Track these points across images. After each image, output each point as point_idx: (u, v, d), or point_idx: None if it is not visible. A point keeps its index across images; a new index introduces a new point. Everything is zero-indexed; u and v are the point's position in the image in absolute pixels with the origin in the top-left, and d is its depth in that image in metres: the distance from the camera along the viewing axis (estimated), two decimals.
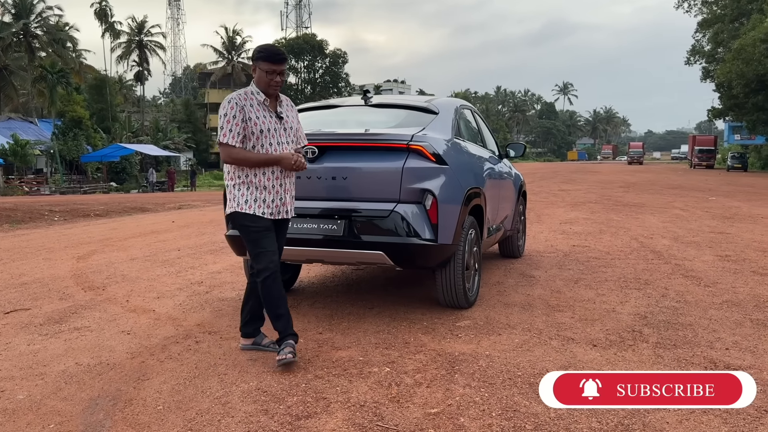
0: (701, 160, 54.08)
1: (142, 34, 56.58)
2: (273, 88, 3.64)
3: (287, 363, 3.49)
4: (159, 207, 17.35)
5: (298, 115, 3.90)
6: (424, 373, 3.44)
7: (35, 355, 3.86)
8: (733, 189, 22.22)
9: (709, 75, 50.52)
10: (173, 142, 51.20)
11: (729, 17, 47.08)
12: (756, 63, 33.81)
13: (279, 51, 3.67)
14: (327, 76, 65.69)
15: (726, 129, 70.30)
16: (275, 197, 3.66)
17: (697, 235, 9.30)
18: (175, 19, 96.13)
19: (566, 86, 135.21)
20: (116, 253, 8.00)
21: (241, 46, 63.24)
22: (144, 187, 37.01)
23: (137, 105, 64.03)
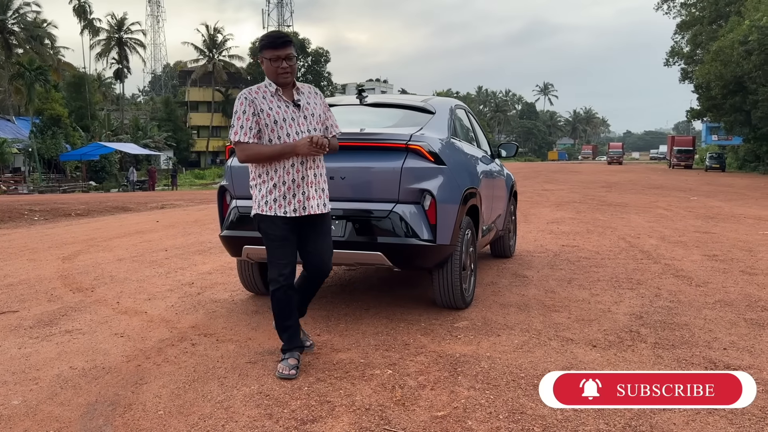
0: (680, 161, 54.69)
1: (122, 31, 55.86)
2: (282, 76, 3.41)
3: (286, 378, 3.38)
4: (141, 206, 17.15)
5: (324, 102, 3.64)
6: (426, 375, 3.41)
7: (27, 358, 3.76)
8: (713, 189, 22.50)
9: (688, 76, 51.15)
10: (153, 141, 50.69)
11: (707, 19, 47.68)
12: (734, 65, 34.25)
13: (281, 34, 3.53)
14: (309, 75, 65.49)
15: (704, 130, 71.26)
16: (296, 192, 3.41)
17: (683, 235, 9.38)
18: (155, 16, 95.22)
19: (547, 87, 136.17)
20: (102, 253, 7.87)
21: (222, 44, 62.80)
22: (124, 186, 36.58)
23: (116, 103, 63.28)
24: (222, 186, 4.71)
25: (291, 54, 3.43)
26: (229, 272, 6.42)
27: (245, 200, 4.52)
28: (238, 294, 5.42)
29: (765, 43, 24.06)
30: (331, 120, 3.64)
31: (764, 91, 33.08)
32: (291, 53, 3.43)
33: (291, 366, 3.43)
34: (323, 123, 3.58)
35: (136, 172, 38.13)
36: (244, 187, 4.51)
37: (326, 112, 3.62)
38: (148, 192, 31.30)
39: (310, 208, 3.45)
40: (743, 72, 32.92)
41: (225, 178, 4.69)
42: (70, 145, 38.99)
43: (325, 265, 3.63)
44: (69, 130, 39.77)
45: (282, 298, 3.50)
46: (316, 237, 3.55)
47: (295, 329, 3.58)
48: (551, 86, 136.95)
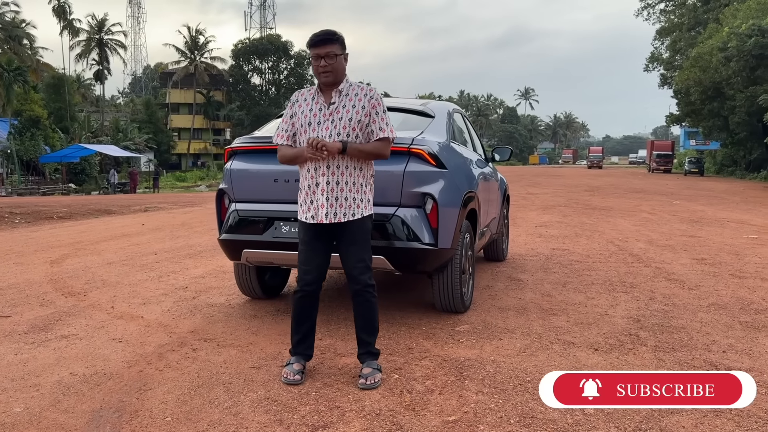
0: (659, 165, 55.25)
1: (103, 32, 55.31)
2: (322, 75, 3.33)
3: (291, 383, 3.35)
4: (124, 209, 16.93)
5: (373, 104, 3.37)
6: (433, 380, 3.41)
7: (25, 365, 3.69)
8: (694, 193, 22.79)
9: (667, 82, 51.91)
10: (134, 143, 50.18)
11: (686, 26, 48.44)
12: (712, 71, 34.81)
13: (322, 32, 3.36)
14: (292, 77, 65.32)
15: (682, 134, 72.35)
16: (313, 198, 3.37)
17: (670, 239, 9.49)
18: (136, 17, 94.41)
19: (528, 91, 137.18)
20: (90, 257, 7.76)
21: (204, 45, 62.38)
22: (105, 188, 36.18)
23: (96, 104, 62.57)
24: (221, 189, 4.66)
25: (330, 52, 3.30)
26: (223, 276, 6.37)
27: (245, 203, 4.50)
28: (234, 298, 5.37)
29: (744, 49, 24.45)
30: (377, 124, 3.37)
31: (741, 97, 33.66)
32: (330, 51, 3.31)
33: (295, 371, 3.40)
34: (363, 127, 3.36)
35: (116, 174, 37.69)
36: (243, 190, 4.50)
37: (373, 115, 3.37)
38: (130, 195, 30.97)
39: (319, 216, 3.36)
40: (721, 78, 33.46)
41: (224, 181, 4.64)
42: (49, 147, 38.45)
43: (352, 278, 3.44)
44: (48, 131, 39.23)
45: (298, 304, 3.47)
46: (343, 247, 3.43)
47: (306, 336, 3.52)
48: (532, 91, 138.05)
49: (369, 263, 3.45)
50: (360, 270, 3.41)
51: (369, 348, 3.47)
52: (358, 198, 3.39)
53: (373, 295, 3.45)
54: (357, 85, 3.46)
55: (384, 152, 3.42)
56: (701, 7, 47.78)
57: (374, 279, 3.50)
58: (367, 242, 3.45)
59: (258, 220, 4.44)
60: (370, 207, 3.46)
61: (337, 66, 3.34)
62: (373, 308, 3.46)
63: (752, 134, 40.38)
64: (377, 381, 3.32)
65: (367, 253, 3.45)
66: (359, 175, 3.40)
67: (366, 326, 3.47)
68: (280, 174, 4.31)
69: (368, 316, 3.46)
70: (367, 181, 3.46)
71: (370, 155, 3.39)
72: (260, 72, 65.26)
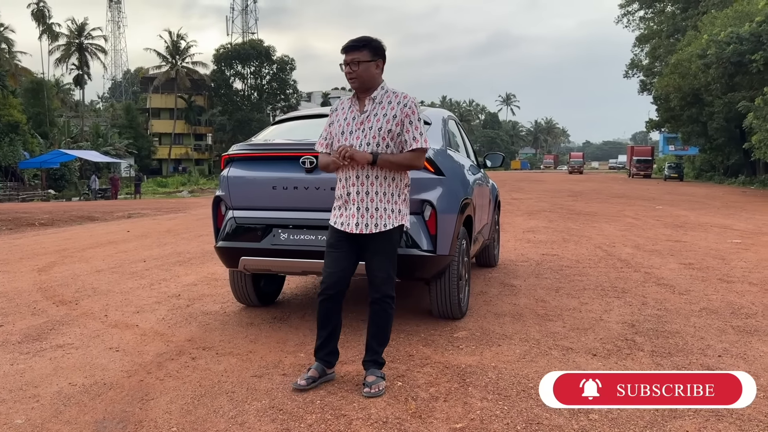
0: (639, 170, 55.83)
1: (83, 36, 54.77)
2: (350, 82, 3.35)
3: (295, 388, 3.35)
4: (107, 216, 16.79)
5: (407, 113, 3.33)
6: (437, 387, 3.41)
7: (22, 375, 3.64)
8: (675, 198, 23.08)
9: (647, 88, 52.56)
10: (114, 148, 49.65)
11: (665, 33, 49.11)
12: (691, 77, 35.31)
13: (352, 40, 3.35)
14: (274, 82, 65.06)
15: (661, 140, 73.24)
16: (344, 207, 3.39)
17: (656, 244, 9.60)
18: (116, 21, 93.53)
19: (509, 97, 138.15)
20: (78, 264, 7.67)
21: (185, 50, 61.97)
22: (86, 194, 35.68)
23: (75, 109, 61.89)
24: (217, 196, 4.63)
25: (356, 59, 3.30)
26: (215, 283, 6.33)
27: (242, 210, 4.48)
28: (229, 306, 5.34)
29: (722, 56, 24.85)
30: (410, 134, 3.32)
31: (720, 103, 34.19)
32: (356, 58, 3.30)
33: (306, 377, 3.39)
34: (394, 136, 3.32)
35: (97, 180, 37.25)
36: (241, 197, 4.48)
37: (406, 124, 3.32)
38: (112, 201, 30.65)
39: (350, 226, 3.36)
40: (700, 84, 33.97)
41: (220, 188, 4.61)
42: (28, 152, 37.91)
43: (373, 287, 3.42)
44: (27, 137, 38.69)
45: (320, 307, 3.47)
46: (369, 255, 3.42)
47: (327, 341, 3.49)
48: (513, 97, 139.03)
49: (392, 274, 3.42)
50: (382, 280, 3.39)
51: (376, 357, 3.46)
52: (389, 208, 3.36)
53: (391, 306, 3.44)
54: (393, 92, 3.40)
55: (416, 163, 3.39)
56: (680, 14, 48.51)
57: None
58: (392, 253, 3.42)
59: (256, 228, 4.42)
60: (401, 218, 3.41)
61: (362, 73, 3.32)
62: (388, 319, 3.46)
63: (730, 140, 41.04)
64: (381, 389, 3.32)
65: (392, 264, 3.42)
66: (391, 185, 3.37)
67: (378, 335, 3.47)
68: (279, 181, 4.31)
69: (382, 326, 3.46)
70: (401, 191, 3.42)
71: (401, 166, 3.37)
72: (242, 77, 64.98)
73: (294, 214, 4.34)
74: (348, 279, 3.47)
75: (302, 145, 4.32)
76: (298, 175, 4.26)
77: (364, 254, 3.44)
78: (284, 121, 5.31)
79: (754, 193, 27.91)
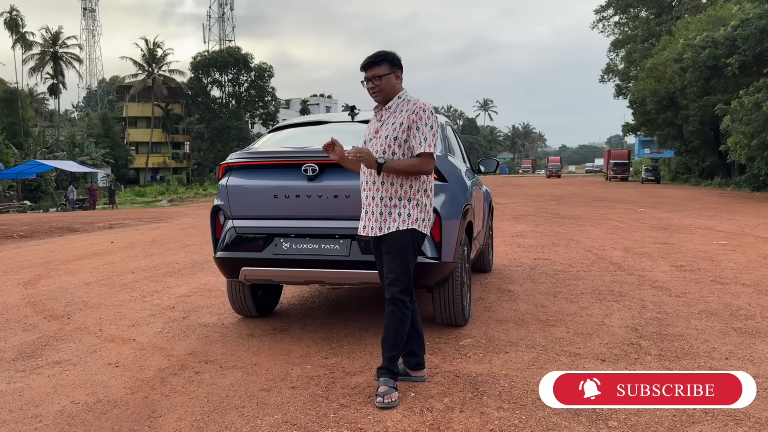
0: (616, 173, 56.35)
1: (57, 45, 54.04)
2: (372, 96, 3.50)
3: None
4: (88, 227, 16.49)
5: (414, 120, 3.36)
6: (451, 397, 3.36)
7: (20, 394, 3.52)
8: (655, 200, 23.32)
9: (622, 92, 53.18)
10: (91, 158, 48.95)
11: (640, 38, 49.78)
12: (667, 81, 35.81)
13: (370, 56, 3.44)
14: (252, 89, 64.72)
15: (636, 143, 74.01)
16: (366, 210, 3.49)
17: (644, 246, 9.65)
18: (91, 30, 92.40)
19: (486, 103, 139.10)
20: (65, 277, 7.49)
21: (162, 58, 61.37)
22: (63, 205, 35.10)
23: (50, 119, 61.00)
24: (216, 206, 4.53)
25: (375, 74, 3.41)
26: (209, 294, 6.22)
27: (243, 220, 4.39)
28: (226, 317, 5.24)
29: (698, 60, 25.20)
30: (416, 139, 3.35)
31: (695, 107, 34.72)
32: (375, 73, 3.41)
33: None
34: (401, 143, 3.37)
35: (75, 190, 36.67)
36: (241, 206, 4.40)
37: (413, 130, 3.37)
38: (91, 211, 30.17)
39: (360, 229, 3.51)
40: (676, 88, 34.45)
41: (219, 197, 4.51)
42: (3, 163, 37.20)
43: (385, 289, 3.42)
44: (2, 147, 38.03)
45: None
46: (381, 257, 3.49)
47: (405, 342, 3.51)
48: (491, 102, 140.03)
49: (401, 276, 3.39)
50: (390, 281, 3.39)
51: (388, 364, 3.40)
52: (395, 212, 3.39)
53: (401, 309, 3.38)
54: (407, 100, 3.46)
55: (423, 168, 3.39)
56: (654, 19, 49.23)
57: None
58: (400, 255, 3.39)
59: (257, 237, 4.34)
60: (409, 222, 3.39)
61: (384, 86, 3.43)
62: (399, 323, 3.39)
63: (705, 142, 41.70)
64: (394, 400, 3.26)
65: (401, 266, 3.39)
66: (398, 190, 3.40)
67: (388, 338, 3.42)
68: (280, 189, 4.24)
69: (392, 328, 3.41)
70: (411, 196, 3.42)
71: (408, 172, 3.38)
72: (220, 84, 64.55)
73: (296, 222, 4.27)
74: None
75: (304, 152, 4.26)
76: (300, 183, 4.19)
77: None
78: (281, 129, 5.22)
79: (731, 195, 28.35)
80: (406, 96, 3.49)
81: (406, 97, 3.48)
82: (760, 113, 21.69)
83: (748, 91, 22.72)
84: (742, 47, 22.53)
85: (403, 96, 3.48)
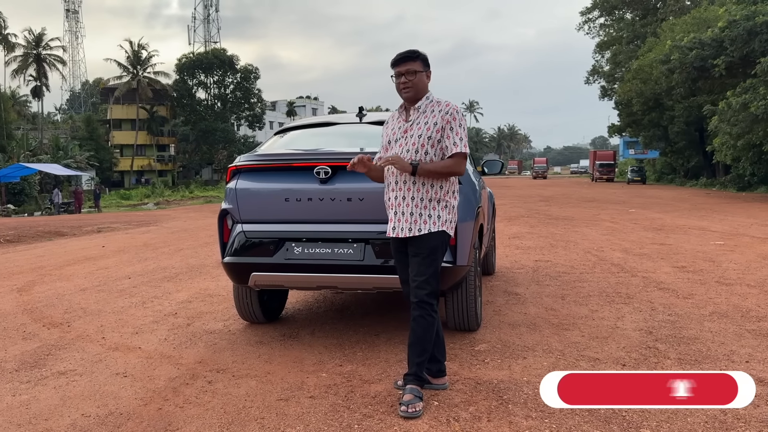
0: (602, 174, 56.61)
1: (41, 47, 53.35)
2: (403, 92, 3.39)
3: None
4: (76, 230, 16.24)
5: (448, 120, 3.31)
6: (476, 405, 3.27)
7: (27, 407, 3.38)
8: (644, 201, 23.41)
9: (607, 93, 53.54)
10: (75, 161, 48.33)
11: (625, 39, 50.14)
12: (653, 82, 36.08)
13: (403, 52, 3.40)
14: (238, 91, 64.35)
15: (621, 144, 74.64)
16: (396, 211, 3.40)
17: (643, 247, 9.63)
18: (74, 32, 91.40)
19: (473, 104, 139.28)
20: (59, 283, 7.32)
21: (147, 60, 60.81)
22: (48, 209, 34.58)
23: (32, 122, 60.22)
24: (223, 209, 4.40)
25: (410, 69, 3.35)
26: (210, 300, 6.09)
27: (252, 224, 4.27)
28: (232, 323, 5.12)
29: (686, 62, 25.37)
30: (450, 139, 3.30)
31: (680, 108, 34.99)
32: (410, 68, 3.35)
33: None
34: (434, 143, 3.32)
35: (60, 193, 36.15)
36: (251, 210, 4.27)
37: (447, 130, 3.31)
38: (77, 215, 29.76)
39: (390, 230, 3.43)
40: (662, 89, 34.72)
41: (227, 200, 4.38)
42: None
43: (411, 292, 3.34)
44: None
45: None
46: (409, 260, 3.40)
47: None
48: (477, 104, 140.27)
49: (430, 279, 3.31)
50: (417, 284, 3.31)
51: (416, 370, 3.32)
52: (426, 214, 3.34)
53: (428, 313, 3.31)
54: (437, 101, 3.41)
55: (457, 169, 3.34)
56: (639, 21, 49.62)
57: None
58: (429, 258, 3.32)
59: (267, 242, 4.22)
60: (440, 224, 3.34)
61: (417, 82, 3.37)
62: (427, 327, 3.32)
63: (690, 143, 42.04)
64: (418, 410, 3.16)
65: (429, 268, 3.32)
66: (429, 191, 3.35)
67: (416, 343, 3.34)
68: (292, 192, 4.13)
69: (419, 333, 3.33)
70: (441, 197, 3.37)
71: (441, 174, 3.34)
72: (205, 86, 64.10)
73: (308, 226, 4.16)
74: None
75: (317, 154, 4.16)
76: (312, 186, 4.09)
77: (408, 259, 3.41)
78: (287, 131, 5.10)
79: (718, 195, 28.56)
80: (434, 98, 3.44)
81: (434, 98, 3.43)
82: (747, 113, 21.85)
83: (736, 92, 22.89)
84: (729, 48, 22.70)
85: (431, 97, 3.43)
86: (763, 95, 21.10)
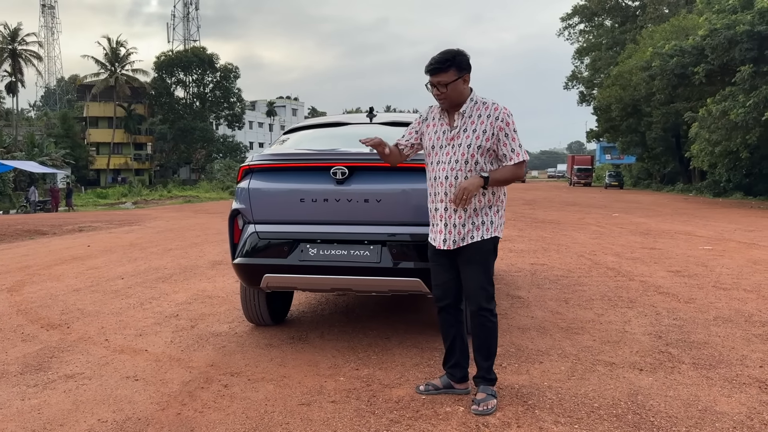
0: (580, 179, 57.19)
1: (16, 42, 52.38)
2: (440, 102, 3.31)
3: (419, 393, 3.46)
4: (57, 229, 15.91)
5: (502, 127, 3.22)
6: (503, 411, 3.23)
7: (39, 412, 3.26)
8: (625, 205, 23.66)
9: (586, 99, 54.12)
10: (50, 159, 47.47)
11: (605, 46, 50.74)
12: (632, 89, 36.54)
13: (433, 60, 3.22)
14: (217, 90, 63.82)
15: (598, 149, 75.46)
16: (433, 221, 3.36)
17: (634, 251, 9.70)
18: (50, 27, 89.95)
19: None
20: (50, 283, 7.14)
21: (125, 57, 60.01)
22: (24, 206, 33.92)
23: (6, 118, 59.08)
24: (234, 209, 4.31)
25: (441, 81, 3.20)
26: (210, 301, 5.98)
27: (266, 225, 4.18)
28: (237, 325, 5.02)
29: (666, 69, 25.73)
30: (508, 147, 3.22)
31: (658, 114, 35.46)
32: (443, 80, 3.20)
33: (429, 383, 3.52)
34: (483, 152, 3.23)
35: (36, 191, 35.47)
36: (264, 210, 4.19)
37: (502, 138, 3.22)
38: (54, 213, 29.23)
39: (438, 242, 3.33)
40: (641, 96, 35.19)
41: (238, 200, 4.29)
42: None
43: (468, 299, 3.34)
44: None
45: (439, 319, 3.51)
46: (461, 267, 3.34)
47: (449, 353, 3.53)
48: None
49: (487, 285, 3.31)
50: (475, 291, 3.29)
51: (484, 373, 3.37)
52: (478, 221, 3.29)
53: (489, 318, 3.33)
54: (483, 103, 3.29)
55: (519, 175, 3.32)
56: (618, 28, 50.27)
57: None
58: (484, 263, 3.30)
59: (281, 243, 4.14)
60: (492, 229, 3.31)
61: (450, 93, 3.24)
62: (489, 332, 3.35)
63: (667, 149, 42.68)
64: (491, 407, 3.21)
65: (485, 274, 3.30)
66: (481, 199, 3.29)
67: (481, 348, 3.37)
68: (307, 193, 4.06)
69: (483, 338, 3.36)
70: (493, 203, 3.33)
71: (509, 182, 3.32)
72: (184, 85, 63.47)
73: (323, 228, 4.08)
74: (454, 291, 3.43)
75: (333, 154, 4.09)
76: (328, 187, 4.02)
77: (459, 266, 3.35)
78: (296, 131, 5.02)
79: (696, 200, 28.99)
80: (478, 98, 3.31)
81: (478, 99, 3.31)
82: (726, 121, 22.22)
83: (715, 100, 23.26)
84: (710, 56, 23.06)
85: (475, 98, 3.31)
86: (743, 103, 21.47)
